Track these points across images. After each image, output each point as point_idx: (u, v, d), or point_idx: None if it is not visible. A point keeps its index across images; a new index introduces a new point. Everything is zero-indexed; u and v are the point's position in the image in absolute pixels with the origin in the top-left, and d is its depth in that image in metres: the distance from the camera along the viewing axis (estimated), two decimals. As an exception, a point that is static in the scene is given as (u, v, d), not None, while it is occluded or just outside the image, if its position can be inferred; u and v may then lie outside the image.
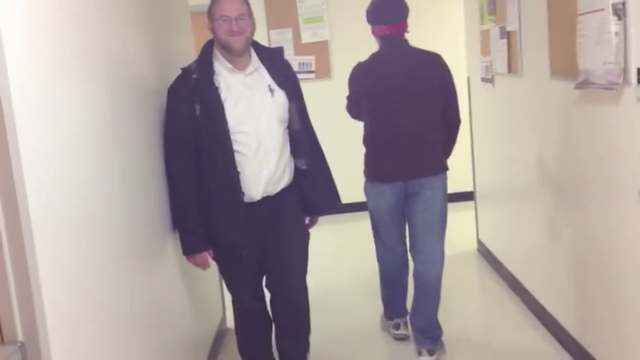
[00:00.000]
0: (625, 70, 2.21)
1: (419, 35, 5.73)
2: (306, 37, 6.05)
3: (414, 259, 3.25)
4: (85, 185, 1.72)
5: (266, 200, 2.60)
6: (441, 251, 3.18)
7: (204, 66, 2.54)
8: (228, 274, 2.77)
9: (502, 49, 3.62)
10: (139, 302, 2.11)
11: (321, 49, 6.04)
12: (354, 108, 3.26)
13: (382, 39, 3.13)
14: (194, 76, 2.51)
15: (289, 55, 6.02)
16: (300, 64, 6.00)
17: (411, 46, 3.16)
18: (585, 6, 2.44)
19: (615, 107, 2.35)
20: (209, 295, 3.40)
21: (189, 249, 2.60)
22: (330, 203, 2.88)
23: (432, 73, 3.08)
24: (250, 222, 2.55)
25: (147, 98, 2.45)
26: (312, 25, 6.06)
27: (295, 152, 2.70)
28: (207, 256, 2.64)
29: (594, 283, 2.72)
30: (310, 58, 6.05)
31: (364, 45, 3.55)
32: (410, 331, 3.36)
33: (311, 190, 2.75)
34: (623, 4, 2.18)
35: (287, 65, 2.79)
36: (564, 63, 2.76)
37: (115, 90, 2.03)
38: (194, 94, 2.48)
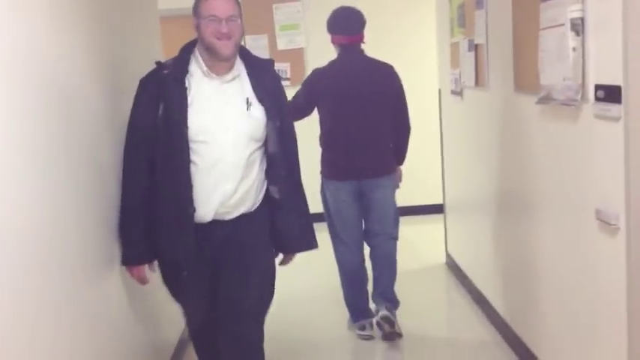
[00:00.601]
0: (583, 86, 2.20)
1: (392, 46, 5.89)
2: (281, 44, 6.03)
3: (370, 245, 3.50)
4: (31, 191, 1.67)
5: (219, 223, 2.34)
6: (396, 233, 3.48)
7: (178, 63, 2.32)
8: (172, 288, 2.52)
9: (470, 62, 3.61)
10: (86, 312, 2.04)
11: (296, 57, 6.01)
12: (300, 110, 3.31)
13: (340, 48, 3.35)
14: (165, 71, 2.30)
15: (264, 62, 6.00)
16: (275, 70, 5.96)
17: (367, 56, 3.38)
18: (546, 21, 2.42)
19: (574, 123, 2.33)
20: (168, 304, 3.33)
21: (127, 260, 2.38)
22: (304, 241, 2.56)
23: (385, 81, 3.33)
24: (199, 243, 2.30)
25: (97, 104, 2.37)
26: (288, 32, 6.04)
27: (268, 178, 2.43)
28: (145, 271, 2.41)
29: (551, 298, 2.71)
30: (286, 66, 6.01)
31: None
32: (375, 332, 3.49)
33: (283, 224, 2.47)
34: (582, 19, 2.17)
35: (276, 80, 2.54)
36: (528, 78, 2.74)
37: (57, 96, 1.97)
38: (160, 90, 2.27)
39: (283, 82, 5.90)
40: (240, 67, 2.38)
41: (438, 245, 4.84)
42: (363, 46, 3.37)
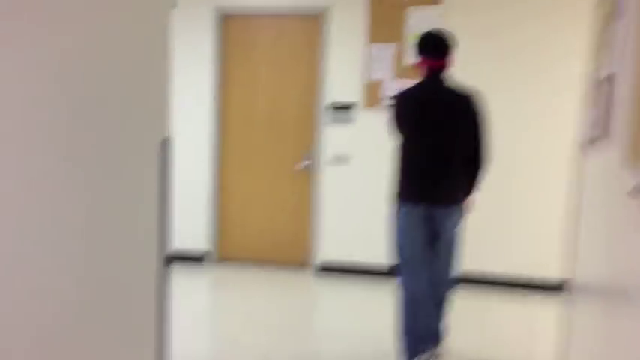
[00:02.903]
0: None
1: (527, 78, 4.83)
2: (411, 56, 5.08)
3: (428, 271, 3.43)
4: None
5: None
6: (451, 272, 3.43)
7: None
8: None
9: (602, 101, 2.44)
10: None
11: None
12: (394, 133, 3.42)
13: (426, 71, 3.32)
14: None
15: (389, 77, 5.11)
16: (400, 88, 5.05)
17: (450, 82, 3.31)
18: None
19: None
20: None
21: None
22: None
23: (465, 109, 3.25)
24: None
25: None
26: (422, 42, 5.07)
27: None
28: None
29: None
30: (412, 83, 5.06)
31: (490, 65, 3.74)
32: None
33: None
34: None
35: None
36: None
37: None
38: None
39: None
40: None
41: (549, 334, 3.63)
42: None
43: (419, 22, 5.07)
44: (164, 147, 1.74)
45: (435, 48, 3.29)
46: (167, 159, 1.75)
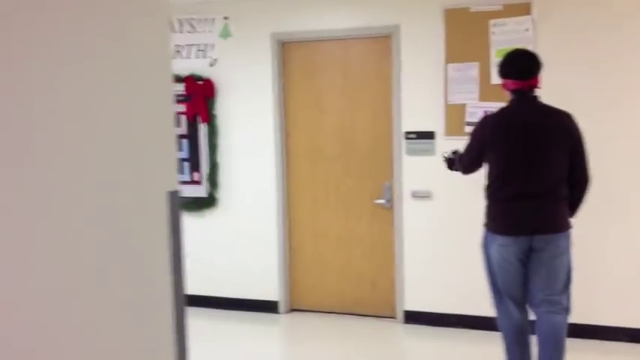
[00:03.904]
0: None
1: None
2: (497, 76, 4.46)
3: (535, 312, 3.22)
4: None
5: None
6: (567, 303, 3.17)
7: None
8: None
9: None
10: None
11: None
12: (472, 163, 3.32)
13: (513, 93, 3.20)
14: None
15: (472, 101, 4.54)
16: (485, 111, 4.45)
17: (542, 103, 3.19)
18: None
19: None
20: None
21: None
22: None
23: (561, 130, 3.11)
24: None
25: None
26: (509, 58, 4.45)
27: None
28: None
29: None
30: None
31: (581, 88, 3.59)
32: None
33: None
34: None
35: None
36: None
37: None
38: None
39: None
40: None
41: None
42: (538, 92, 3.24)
43: (505, 35, 4.45)
44: (173, 199, 1.66)
45: (515, 69, 3.17)
46: (176, 211, 1.68)
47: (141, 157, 1.57)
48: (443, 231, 4.73)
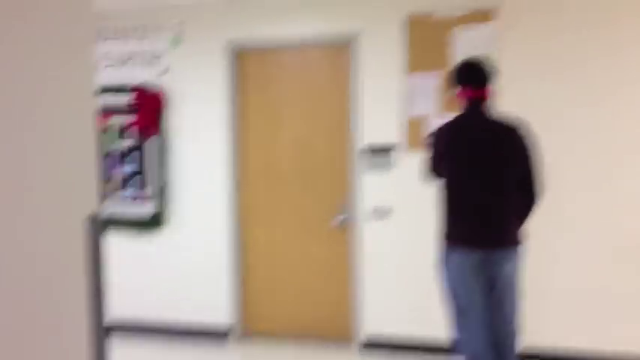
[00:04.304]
0: None
1: None
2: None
3: (489, 330, 3.14)
4: None
5: None
6: (515, 315, 3.11)
7: None
8: None
9: None
10: None
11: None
12: (437, 170, 3.19)
13: (466, 101, 3.15)
14: None
15: (435, 112, 4.29)
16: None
17: (494, 113, 3.15)
18: None
19: None
20: None
21: None
22: None
23: (513, 142, 3.06)
24: None
25: None
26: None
27: None
28: None
29: None
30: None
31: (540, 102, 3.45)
32: None
33: None
34: None
35: None
36: None
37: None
38: None
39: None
40: None
41: None
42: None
43: (468, 44, 4.21)
44: (93, 223, 1.54)
45: (473, 77, 3.11)
46: (97, 237, 1.56)
47: (55, 176, 1.45)
48: (404, 250, 4.43)
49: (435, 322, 4.33)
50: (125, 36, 5.02)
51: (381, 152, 4.41)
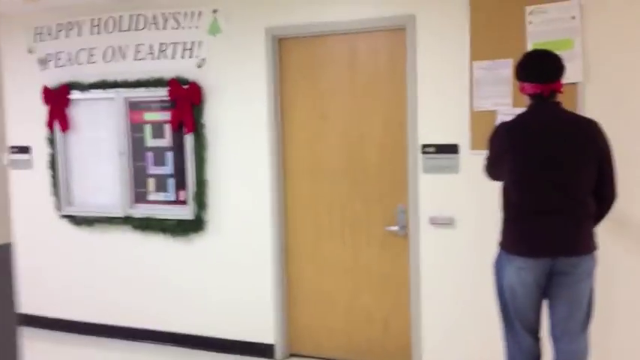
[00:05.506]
0: None
1: None
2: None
3: (554, 348, 2.95)
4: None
5: None
6: (585, 344, 2.91)
7: None
8: None
9: None
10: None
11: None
12: (496, 171, 3.03)
13: (532, 98, 2.95)
14: None
15: (504, 106, 3.77)
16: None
17: (565, 110, 2.95)
18: None
19: None
20: None
21: None
22: None
23: (587, 140, 2.86)
24: None
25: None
26: (550, 53, 3.61)
27: None
28: None
29: None
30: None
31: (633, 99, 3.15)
32: None
33: None
34: None
35: None
36: None
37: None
38: None
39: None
40: None
41: None
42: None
43: (545, 26, 3.61)
44: (3, 254, 1.50)
45: (540, 72, 2.89)
46: (8, 270, 1.53)
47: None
48: (467, 264, 3.90)
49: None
50: (160, 24, 4.63)
51: (442, 152, 3.89)
